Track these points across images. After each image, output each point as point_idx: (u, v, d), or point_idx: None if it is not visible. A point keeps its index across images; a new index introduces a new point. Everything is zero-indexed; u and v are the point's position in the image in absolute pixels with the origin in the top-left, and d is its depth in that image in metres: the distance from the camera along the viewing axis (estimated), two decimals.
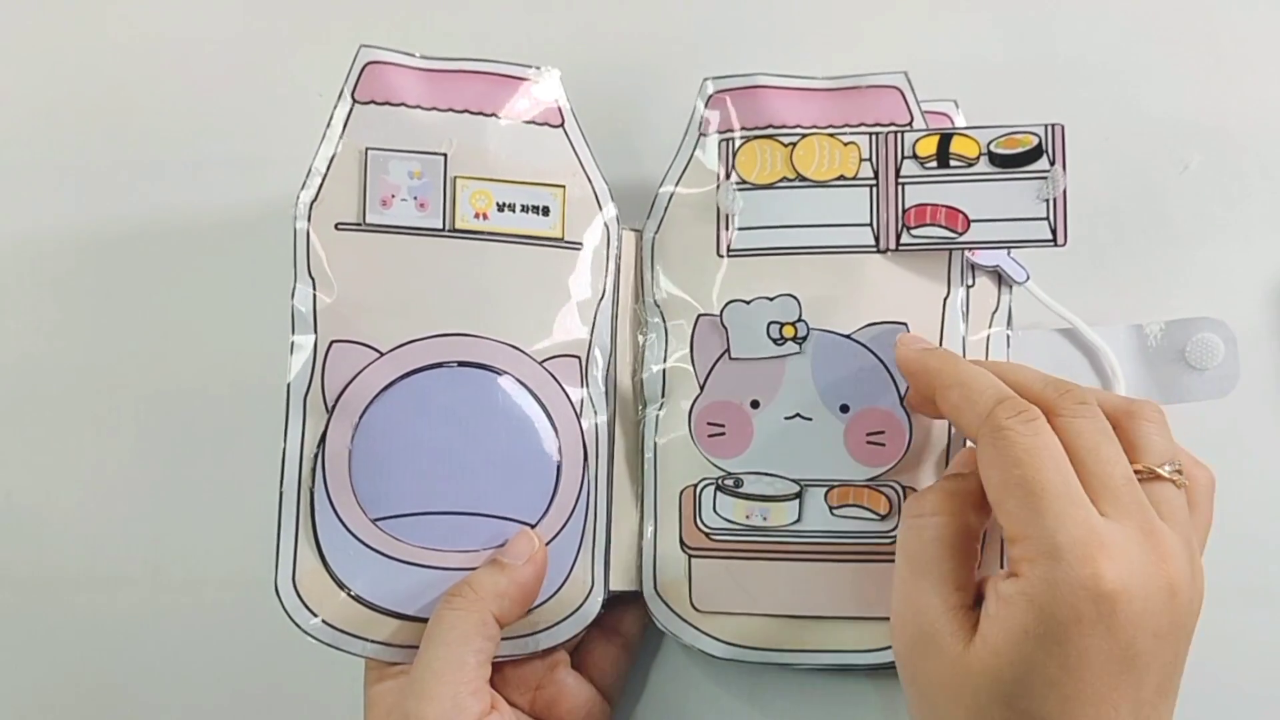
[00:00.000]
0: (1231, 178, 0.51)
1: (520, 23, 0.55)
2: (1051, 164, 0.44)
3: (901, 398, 0.44)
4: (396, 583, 0.44)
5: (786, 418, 0.45)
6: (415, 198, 0.46)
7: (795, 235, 0.46)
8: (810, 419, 0.45)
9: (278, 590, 0.44)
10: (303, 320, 0.45)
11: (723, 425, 0.46)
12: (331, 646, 0.44)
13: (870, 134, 0.46)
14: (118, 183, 0.55)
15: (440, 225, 0.46)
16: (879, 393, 0.45)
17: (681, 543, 0.46)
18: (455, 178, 0.46)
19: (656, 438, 0.47)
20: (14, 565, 0.53)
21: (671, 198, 0.48)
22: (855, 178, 0.46)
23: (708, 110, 0.47)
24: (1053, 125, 0.44)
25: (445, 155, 0.46)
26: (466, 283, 0.46)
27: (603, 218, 0.47)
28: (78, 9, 0.57)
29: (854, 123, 0.46)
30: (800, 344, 0.45)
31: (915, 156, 0.45)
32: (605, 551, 0.46)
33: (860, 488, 0.45)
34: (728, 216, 0.47)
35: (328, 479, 0.44)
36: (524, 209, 0.46)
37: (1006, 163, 0.44)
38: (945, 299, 0.46)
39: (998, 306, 0.47)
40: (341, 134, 0.46)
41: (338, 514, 0.44)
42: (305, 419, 0.45)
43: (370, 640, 0.44)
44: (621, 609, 0.47)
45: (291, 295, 0.45)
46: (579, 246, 0.47)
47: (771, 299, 0.46)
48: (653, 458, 0.47)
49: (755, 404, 0.45)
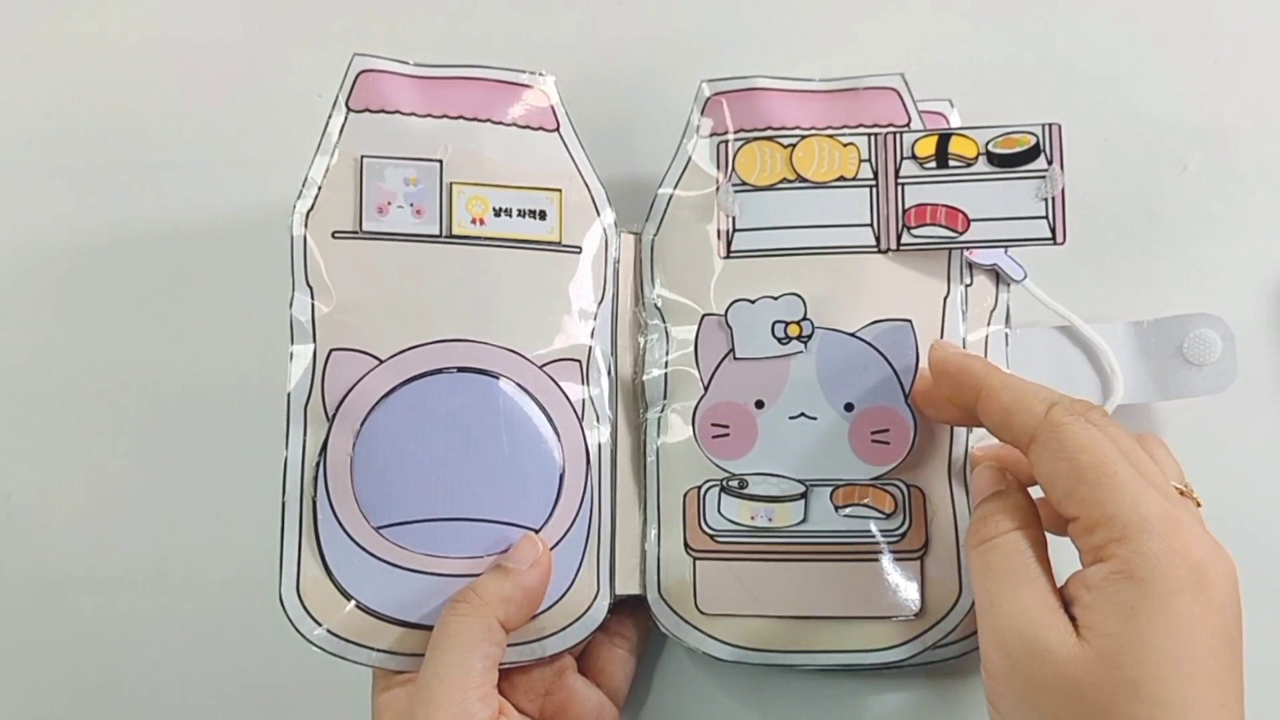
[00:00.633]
0: (1231, 178, 0.52)
1: (517, 25, 0.55)
2: (1049, 163, 0.44)
3: (906, 395, 0.45)
4: (401, 590, 0.44)
5: (791, 417, 0.45)
6: (411, 204, 0.46)
7: (796, 236, 0.46)
8: (815, 418, 0.45)
9: (282, 600, 0.43)
10: (301, 329, 0.45)
11: (727, 426, 0.45)
12: (337, 656, 0.43)
13: (869, 135, 0.46)
14: (117, 186, 0.55)
15: (437, 231, 0.46)
16: (884, 391, 0.45)
17: (686, 545, 0.45)
18: (451, 184, 0.46)
19: (659, 440, 0.46)
20: (14, 567, 0.52)
21: (670, 200, 0.48)
22: (855, 178, 0.46)
23: (705, 112, 0.47)
24: (1050, 125, 0.44)
25: (441, 161, 0.46)
26: (465, 288, 0.46)
27: (600, 221, 0.47)
28: (76, 12, 0.57)
29: (851, 124, 0.47)
30: (805, 343, 0.45)
31: (914, 157, 0.45)
32: (610, 555, 0.46)
33: (866, 487, 0.45)
34: (727, 218, 0.47)
35: (330, 488, 0.44)
36: (520, 214, 0.46)
37: (1005, 162, 0.45)
38: (945, 298, 0.46)
39: (995, 305, 0.47)
40: (337, 142, 0.46)
41: (340, 523, 0.44)
42: (306, 428, 0.44)
43: (375, 649, 0.44)
44: (625, 613, 0.47)
45: (290, 305, 0.45)
46: (577, 250, 0.47)
47: (776, 298, 0.46)
48: (655, 460, 0.46)
49: (760, 404, 0.45)
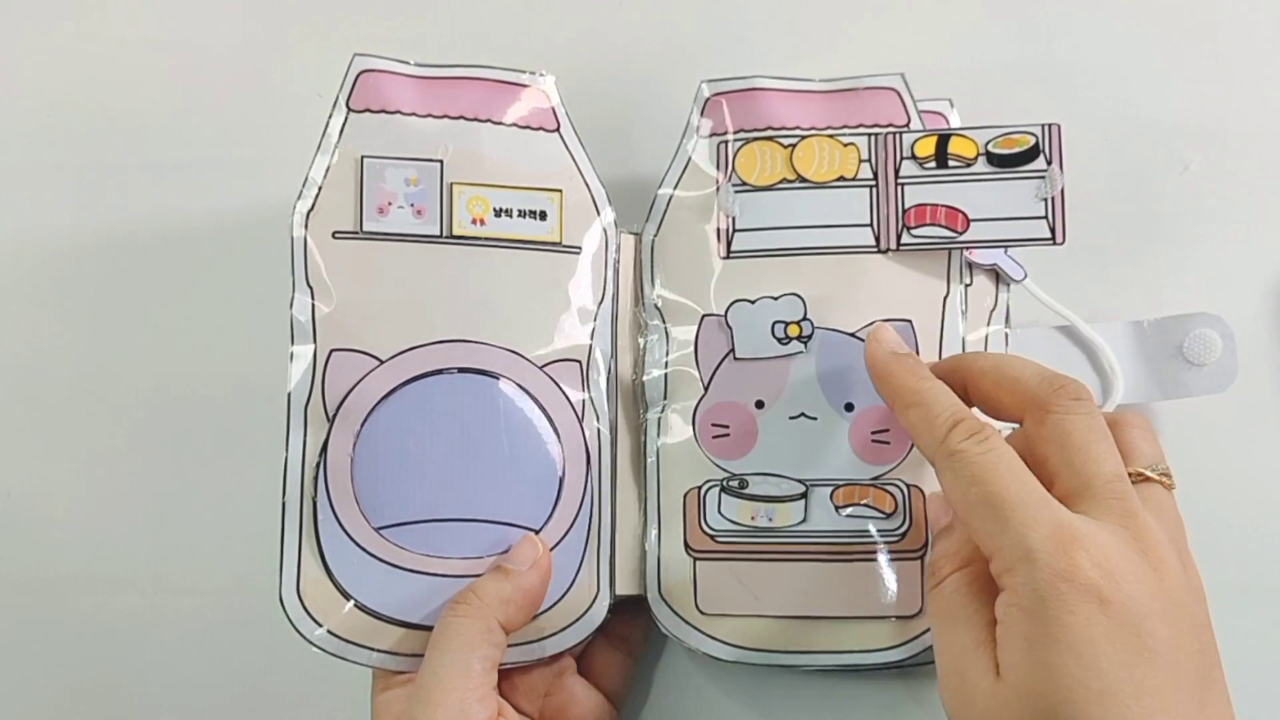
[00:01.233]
0: (1231, 178, 0.52)
1: (517, 25, 0.55)
2: (1049, 163, 0.44)
3: None
4: (401, 591, 0.44)
5: (791, 417, 0.45)
6: (412, 205, 0.46)
7: (796, 236, 0.46)
8: (815, 418, 0.45)
9: (282, 600, 0.43)
10: (301, 330, 0.45)
11: (727, 426, 0.45)
12: (337, 656, 0.43)
13: (869, 135, 0.46)
14: (117, 186, 0.55)
15: (438, 231, 0.46)
16: None
17: (686, 545, 0.45)
18: (452, 184, 0.46)
19: (659, 440, 0.46)
20: (14, 567, 0.52)
21: (670, 200, 0.48)
22: (855, 178, 0.46)
23: (705, 113, 0.47)
24: (1049, 125, 0.44)
25: (441, 162, 0.46)
26: (465, 288, 0.46)
27: (600, 221, 0.47)
28: (76, 13, 0.57)
29: (851, 124, 0.47)
30: (805, 343, 0.45)
31: (914, 157, 0.45)
32: (610, 556, 0.46)
33: (866, 487, 0.45)
34: (727, 218, 0.47)
35: (330, 488, 0.44)
36: (521, 214, 0.46)
37: (1004, 162, 0.45)
38: (945, 298, 0.46)
39: (995, 304, 0.47)
40: (337, 143, 0.46)
41: (341, 523, 0.44)
42: (306, 428, 0.44)
43: (375, 649, 0.44)
44: (624, 613, 0.47)
45: (290, 305, 0.45)
46: (577, 250, 0.47)
47: (776, 298, 0.46)
48: (655, 461, 0.46)
49: (760, 404, 0.45)
